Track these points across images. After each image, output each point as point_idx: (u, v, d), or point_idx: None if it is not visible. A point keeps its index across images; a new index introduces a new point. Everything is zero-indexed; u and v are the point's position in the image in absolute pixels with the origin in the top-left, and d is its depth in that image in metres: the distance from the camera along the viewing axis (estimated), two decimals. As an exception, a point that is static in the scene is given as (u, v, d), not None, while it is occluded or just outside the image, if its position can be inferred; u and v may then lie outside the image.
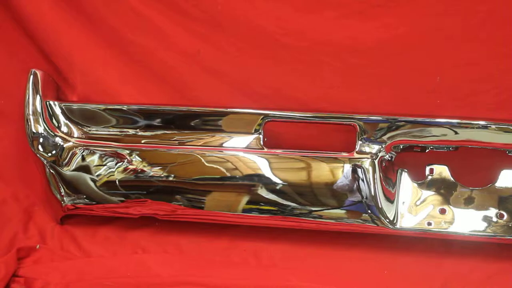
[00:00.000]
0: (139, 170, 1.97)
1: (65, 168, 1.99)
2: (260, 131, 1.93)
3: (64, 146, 2.01)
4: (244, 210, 1.95)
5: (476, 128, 1.86)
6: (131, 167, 1.98)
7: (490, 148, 1.88)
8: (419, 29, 1.98)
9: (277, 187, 1.91)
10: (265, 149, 1.95)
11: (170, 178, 1.96)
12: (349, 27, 1.98)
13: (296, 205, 1.91)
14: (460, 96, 1.99)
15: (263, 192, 1.92)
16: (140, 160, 1.98)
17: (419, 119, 1.89)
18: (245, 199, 1.94)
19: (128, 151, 1.99)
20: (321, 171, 1.91)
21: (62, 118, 2.03)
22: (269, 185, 1.92)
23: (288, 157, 1.94)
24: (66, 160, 2.00)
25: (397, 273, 1.87)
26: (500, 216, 1.87)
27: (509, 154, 1.89)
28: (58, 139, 2.01)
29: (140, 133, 2.01)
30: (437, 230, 1.87)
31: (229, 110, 1.98)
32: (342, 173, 1.89)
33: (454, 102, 2.01)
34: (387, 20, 1.96)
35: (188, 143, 1.99)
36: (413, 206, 1.89)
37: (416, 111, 1.95)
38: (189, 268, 1.89)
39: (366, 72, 2.01)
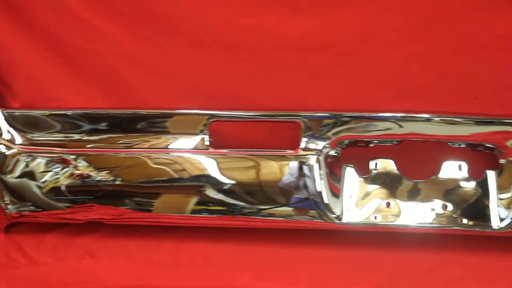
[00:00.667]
0: (85, 175, 1.95)
1: (8, 176, 1.97)
2: (205, 131, 1.92)
3: (7, 153, 1.98)
4: (192, 211, 1.94)
5: (420, 121, 1.89)
6: (77, 172, 1.96)
7: (433, 140, 1.89)
8: (363, 24, 1.98)
9: (224, 187, 1.91)
10: (211, 149, 1.92)
11: (117, 182, 1.94)
12: (294, 25, 1.97)
13: (243, 204, 1.92)
14: (405, 90, 1.99)
15: (210, 192, 1.92)
16: (86, 165, 1.96)
17: (364, 114, 1.91)
18: (193, 200, 1.93)
19: (73, 156, 1.97)
20: (267, 169, 1.91)
21: (4, 125, 2.00)
22: (216, 185, 1.92)
23: (234, 156, 1.94)
24: (10, 168, 1.97)
25: (345, 267, 1.88)
26: (445, 207, 1.89)
27: (451, 146, 1.89)
28: (0, 147, 1.98)
29: (86, 137, 2.00)
30: (383, 223, 1.89)
31: (174, 111, 1.97)
32: (288, 171, 1.90)
33: (399, 97, 2.01)
34: (331, 16, 1.96)
35: (134, 146, 1.97)
36: (359, 201, 1.90)
37: (362, 107, 1.94)
38: (138, 272, 1.87)
39: (312, 69, 2.02)
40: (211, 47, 2.01)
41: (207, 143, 1.93)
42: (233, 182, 1.91)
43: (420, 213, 1.89)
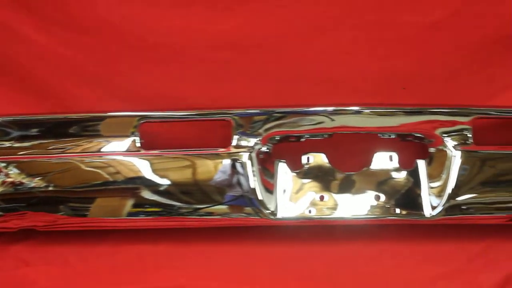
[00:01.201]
0: (17, 183, 1.93)
1: None
2: (136, 133, 1.91)
3: None
4: (129, 214, 1.93)
5: (350, 113, 1.89)
6: (8, 180, 1.93)
7: (363, 132, 1.90)
8: (291, 19, 1.98)
9: (159, 188, 1.90)
10: (142, 151, 1.91)
11: (50, 188, 1.92)
12: (220, 22, 1.97)
13: (178, 204, 1.91)
14: (338, 84, 2.00)
15: (146, 194, 1.91)
16: (18, 172, 1.93)
17: (295, 109, 1.91)
18: (129, 202, 1.92)
19: (4, 164, 1.93)
20: (200, 169, 1.91)
21: None
22: (151, 186, 1.91)
23: (167, 157, 1.93)
24: None
25: (281, 262, 1.89)
26: (378, 198, 1.90)
27: (381, 137, 1.91)
28: None
29: (16, 144, 1.97)
30: (318, 217, 1.90)
31: (104, 114, 1.96)
32: (221, 169, 1.89)
33: (330, 90, 2.01)
34: (258, 13, 1.96)
35: (66, 151, 1.94)
36: (293, 196, 1.90)
37: (292, 102, 1.94)
38: (74, 278, 1.86)
39: (242, 67, 2.02)
40: (138, 48, 1.99)
41: (138, 144, 1.91)
42: (168, 182, 1.91)
43: (354, 205, 1.90)
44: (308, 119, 1.90)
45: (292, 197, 1.91)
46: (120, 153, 1.93)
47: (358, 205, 1.90)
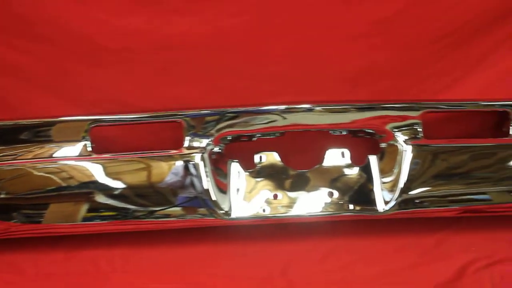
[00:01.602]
0: (-31, 191, 1.90)
1: None
2: (87, 137, 1.90)
3: None
4: (82, 219, 1.92)
5: (301, 111, 1.89)
6: (-41, 188, 1.90)
7: (315, 130, 1.91)
8: (241, 20, 1.98)
9: (112, 192, 1.90)
10: (94, 155, 1.90)
11: (2, 196, 1.91)
12: (169, 24, 1.96)
13: (132, 207, 1.90)
14: (288, 81, 2.00)
15: (99, 198, 1.90)
16: (-31, 180, 1.91)
17: (246, 109, 1.91)
18: (82, 207, 1.91)
19: (-46, 173, 1.91)
20: (152, 171, 1.91)
21: None
22: (104, 190, 1.90)
23: (120, 160, 1.92)
24: None
25: (237, 262, 1.89)
26: (331, 195, 1.91)
27: (333, 134, 1.91)
28: None
29: (-34, 152, 1.94)
30: (272, 215, 1.90)
31: (55, 119, 1.94)
32: (173, 171, 1.89)
33: (287, 89, 2.02)
34: (209, 13, 1.95)
35: (17, 158, 1.92)
36: (246, 195, 1.90)
37: (244, 101, 1.94)
38: (27, 285, 1.83)
39: (194, 67, 2.01)
40: (90, 52, 1.97)
41: (89, 149, 1.89)
42: (121, 186, 1.90)
43: (308, 203, 1.91)
44: (260, 118, 1.91)
45: (246, 197, 1.91)
46: (72, 158, 1.91)
47: (311, 202, 1.91)
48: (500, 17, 1.98)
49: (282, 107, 1.91)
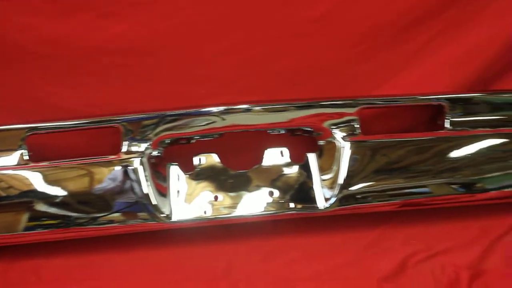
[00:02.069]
0: None
1: None
2: (23, 146, 1.88)
3: None
4: (23, 229, 1.89)
5: (240, 112, 1.89)
6: None
7: (253, 130, 1.91)
8: (174, 22, 1.97)
9: (52, 200, 1.88)
10: (31, 164, 1.88)
11: None
12: (102, 29, 1.94)
13: (73, 214, 1.89)
14: (226, 82, 2.00)
15: (39, 207, 1.89)
16: None
17: (183, 111, 1.91)
18: (22, 217, 1.89)
19: None
20: (92, 177, 1.89)
21: None
22: (44, 199, 1.89)
23: (58, 167, 1.90)
24: None
25: (180, 265, 1.88)
26: (271, 194, 1.92)
27: (271, 133, 1.92)
28: None
29: None
30: (213, 217, 1.90)
31: (-11, 128, 1.90)
32: (113, 176, 1.88)
33: (219, 90, 2.02)
34: (140, 17, 1.94)
35: (-47, 169, 1.89)
36: (187, 198, 1.91)
37: (182, 104, 1.94)
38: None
39: (127, 72, 1.99)
40: (20, 59, 1.94)
41: (26, 157, 1.87)
42: (61, 193, 1.89)
43: (249, 203, 1.92)
44: (198, 120, 1.91)
45: (187, 199, 1.91)
46: (9, 167, 1.89)
47: (252, 202, 1.92)
48: (431, 12, 2.00)
49: (221, 108, 1.91)
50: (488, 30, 2.02)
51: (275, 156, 1.94)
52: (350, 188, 1.92)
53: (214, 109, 1.91)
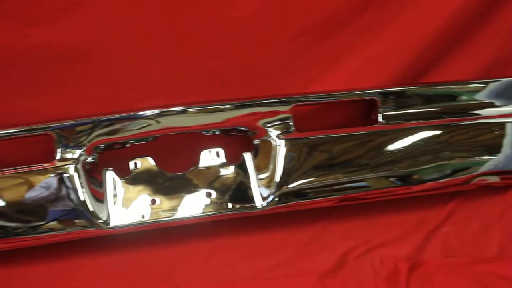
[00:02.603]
0: None
1: None
2: (-46, 156, 1.85)
3: None
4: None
5: (175, 114, 1.89)
6: None
7: (188, 132, 1.91)
8: (104, 26, 1.96)
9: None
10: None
11: None
12: (32, 36, 1.92)
13: (11, 224, 1.87)
14: (158, 85, 2.00)
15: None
16: None
17: (118, 115, 1.90)
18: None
19: None
20: (27, 186, 1.88)
21: None
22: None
23: (-8, 177, 1.86)
24: None
25: (121, 271, 1.88)
26: (209, 195, 1.91)
27: (206, 134, 1.92)
28: None
29: None
30: (151, 220, 1.89)
31: None
32: (48, 184, 1.87)
33: (151, 93, 2.02)
34: (69, 22, 1.93)
35: None
36: (124, 203, 1.89)
37: (115, 108, 1.93)
38: None
39: (61, 78, 1.97)
40: None
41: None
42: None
43: (186, 205, 1.92)
44: (133, 124, 1.90)
45: (124, 204, 1.90)
46: None
47: (190, 204, 1.91)
48: (357, 9, 2.02)
49: (156, 111, 1.90)
50: (412, 25, 2.04)
51: (211, 157, 1.94)
52: (287, 186, 1.92)
53: (149, 112, 1.90)
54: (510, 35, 2.13)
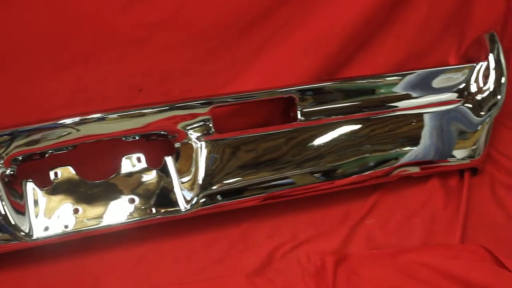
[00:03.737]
0: None
1: None
2: None
3: None
4: None
5: (94, 121, 1.88)
6: None
7: (107, 138, 1.90)
8: (27, 35, 1.94)
9: None
10: None
11: None
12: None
13: None
14: (70, 95, 2.00)
15: None
16: None
17: (35, 126, 1.87)
18: None
19: None
20: None
21: None
22: None
23: None
24: None
25: (46, 284, 1.86)
26: (132, 201, 1.91)
27: (126, 140, 1.91)
28: None
29: None
30: (75, 230, 1.88)
31: None
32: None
33: (77, 101, 2.00)
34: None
35: None
36: (46, 213, 1.87)
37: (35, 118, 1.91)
38: None
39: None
40: None
41: None
42: None
43: (110, 213, 1.91)
44: (51, 134, 1.87)
45: (46, 215, 1.88)
46: None
47: (114, 211, 1.90)
48: (272, 5, 2.03)
49: (76, 119, 1.88)
50: (329, 20, 2.06)
51: (132, 163, 1.94)
52: (210, 187, 1.93)
53: (69, 120, 1.88)
54: (421, 28, 2.16)
